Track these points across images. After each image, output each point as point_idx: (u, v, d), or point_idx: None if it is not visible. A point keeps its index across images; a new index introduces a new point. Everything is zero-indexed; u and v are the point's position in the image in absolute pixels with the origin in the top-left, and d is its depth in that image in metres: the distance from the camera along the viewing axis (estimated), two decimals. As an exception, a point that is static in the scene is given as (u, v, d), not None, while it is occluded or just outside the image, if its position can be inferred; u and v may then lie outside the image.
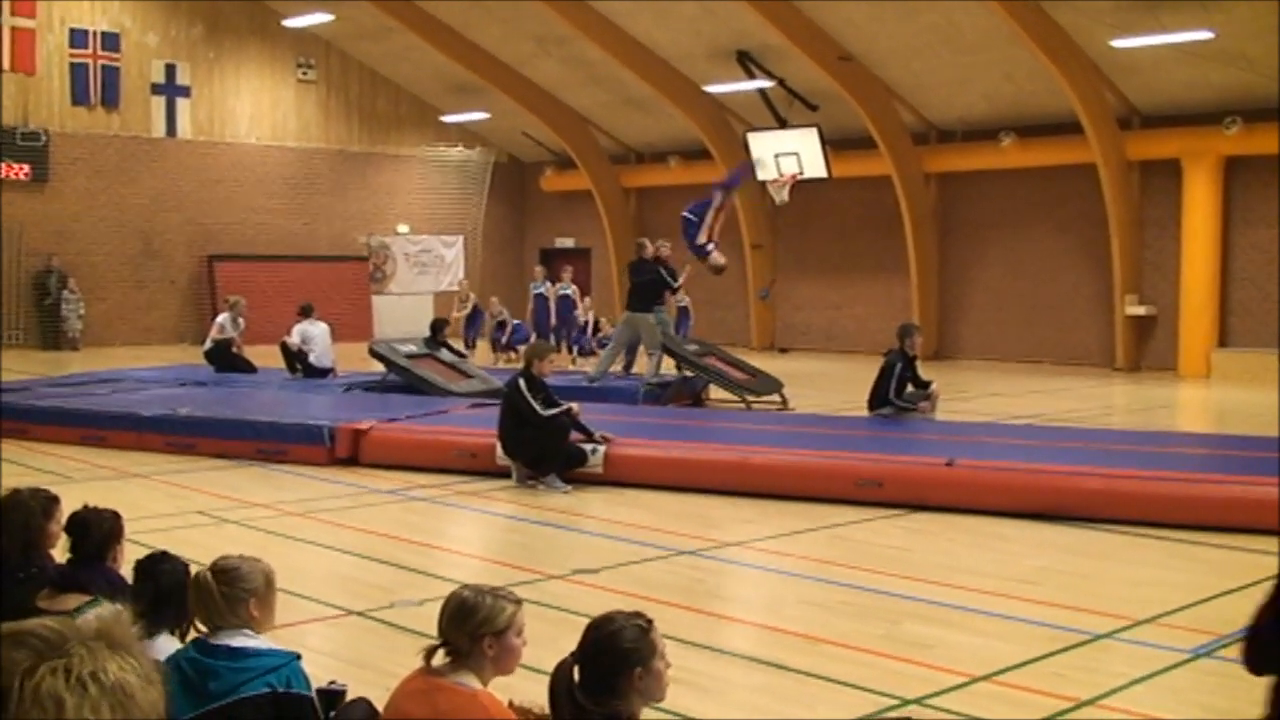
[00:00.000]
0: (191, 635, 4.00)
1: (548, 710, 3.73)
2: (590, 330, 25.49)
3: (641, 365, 17.86)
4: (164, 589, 4.17)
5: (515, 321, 25.57)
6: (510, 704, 3.74)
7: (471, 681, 3.53)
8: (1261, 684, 5.91)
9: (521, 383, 11.17)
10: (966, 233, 25.77)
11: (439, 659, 3.60)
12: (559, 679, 3.51)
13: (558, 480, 10.99)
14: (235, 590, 3.79)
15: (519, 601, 3.66)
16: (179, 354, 24.04)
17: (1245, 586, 7.74)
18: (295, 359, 17.99)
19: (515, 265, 32.80)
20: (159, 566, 4.30)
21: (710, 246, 17.52)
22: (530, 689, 4.02)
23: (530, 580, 7.68)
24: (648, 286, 17.03)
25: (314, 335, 18.11)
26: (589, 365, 20.92)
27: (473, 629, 3.53)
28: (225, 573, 3.83)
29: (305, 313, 18.36)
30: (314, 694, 3.86)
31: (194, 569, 4.33)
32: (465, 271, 30.92)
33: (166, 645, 4.01)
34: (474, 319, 25.73)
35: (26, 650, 1.58)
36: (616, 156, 31.18)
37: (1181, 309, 22.43)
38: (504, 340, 25.16)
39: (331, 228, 30.84)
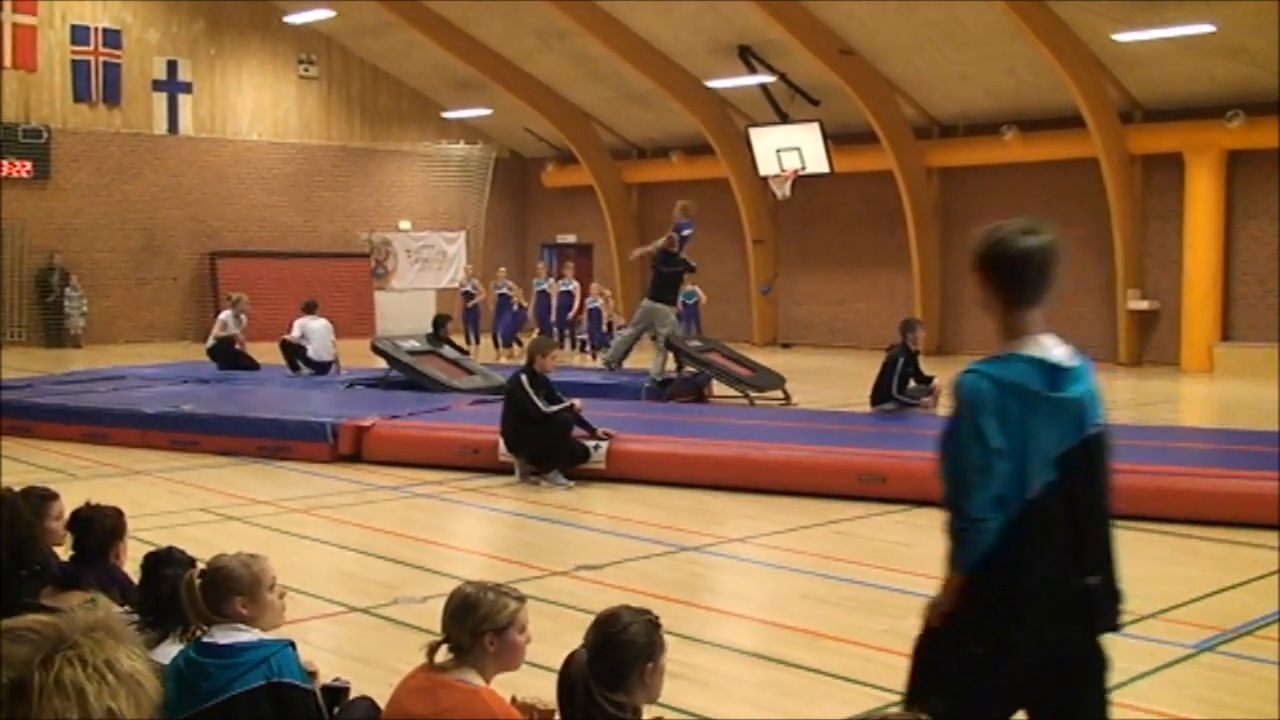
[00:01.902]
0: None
1: (551, 705, 3.73)
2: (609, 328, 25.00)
3: (642, 360, 17.87)
4: (165, 595, 4.17)
5: (519, 303, 25.49)
6: (513, 700, 3.74)
7: (474, 678, 3.53)
8: (1266, 679, 5.92)
9: (524, 379, 11.16)
10: (969, 227, 25.69)
11: (442, 655, 3.60)
12: (572, 670, 3.49)
13: (560, 476, 10.98)
14: (220, 589, 3.79)
15: (522, 598, 3.65)
16: (181, 351, 24.05)
17: (1249, 581, 7.75)
18: (295, 354, 18.03)
19: (517, 261, 32.76)
20: (161, 570, 4.29)
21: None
22: (534, 685, 4.02)
23: (533, 576, 7.68)
24: (676, 278, 17.09)
25: (313, 329, 18.15)
26: (592, 362, 20.97)
27: (474, 626, 3.53)
28: (211, 572, 3.84)
29: (308, 309, 18.43)
30: (309, 680, 3.86)
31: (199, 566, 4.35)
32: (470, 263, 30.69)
33: (169, 651, 4.01)
34: (473, 313, 25.63)
35: (28, 645, 1.59)
36: (618, 152, 31.17)
37: (1184, 303, 22.42)
38: (513, 310, 25.16)
39: (333, 224, 30.85)
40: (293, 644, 3.83)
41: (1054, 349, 3.64)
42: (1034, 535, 3.51)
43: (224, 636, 3.75)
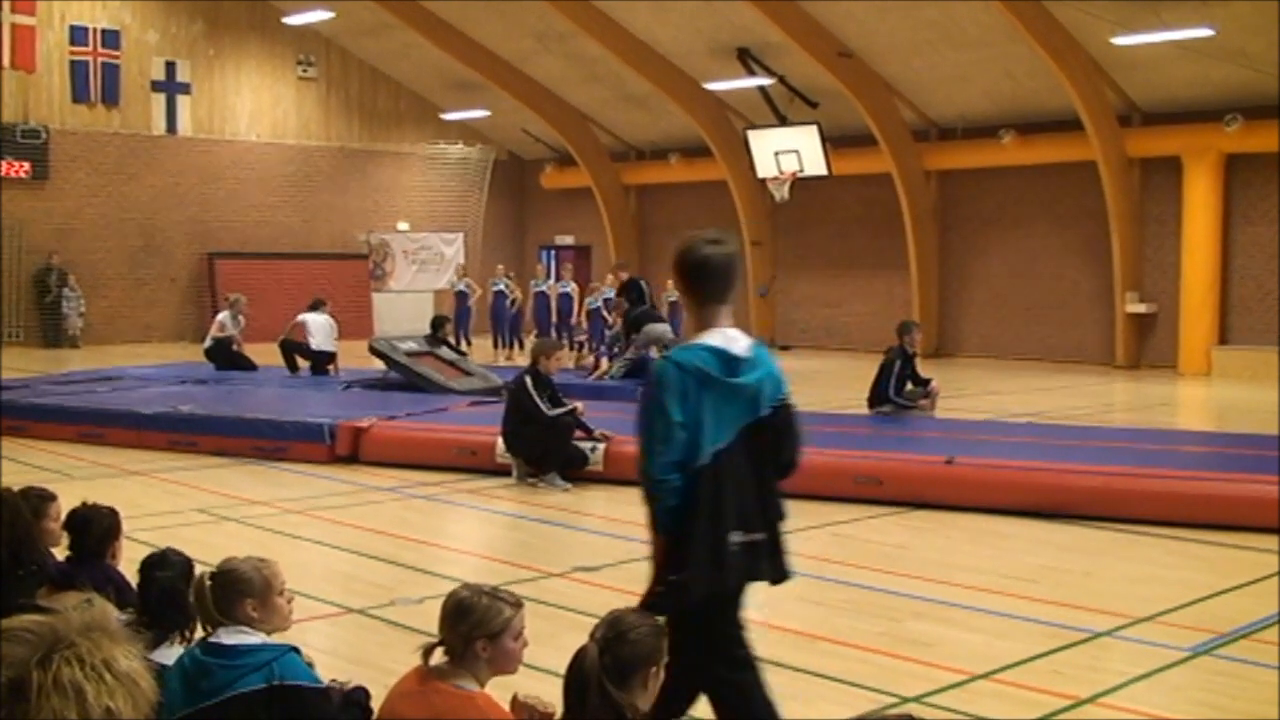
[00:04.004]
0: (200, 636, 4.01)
1: (551, 707, 3.72)
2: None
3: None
4: (153, 598, 4.17)
5: (513, 298, 25.48)
6: (514, 699, 3.73)
7: (468, 683, 3.51)
8: (1261, 683, 5.93)
9: (528, 380, 11.15)
10: (967, 230, 25.77)
11: (439, 658, 3.59)
12: (585, 666, 3.46)
13: (558, 478, 10.99)
14: (230, 592, 3.80)
15: (518, 603, 3.62)
16: (179, 352, 24.05)
17: (1244, 585, 7.75)
18: (295, 349, 18.10)
19: (516, 262, 32.78)
20: (154, 573, 4.30)
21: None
22: (530, 687, 4.02)
23: (530, 578, 7.68)
24: (648, 308, 18.30)
25: (316, 321, 18.25)
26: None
27: (466, 631, 3.51)
28: (221, 575, 3.85)
29: (313, 306, 18.57)
30: (318, 679, 3.86)
31: (196, 567, 4.36)
32: (464, 263, 30.57)
33: (167, 652, 4.03)
34: (465, 314, 25.61)
35: (26, 646, 1.59)
36: (617, 153, 31.18)
37: (1182, 306, 22.43)
38: (510, 304, 25.17)
39: (332, 225, 30.85)
40: (297, 649, 3.84)
41: (736, 341, 4.35)
42: (702, 497, 4.21)
43: (230, 638, 3.77)
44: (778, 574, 4.54)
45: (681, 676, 4.16)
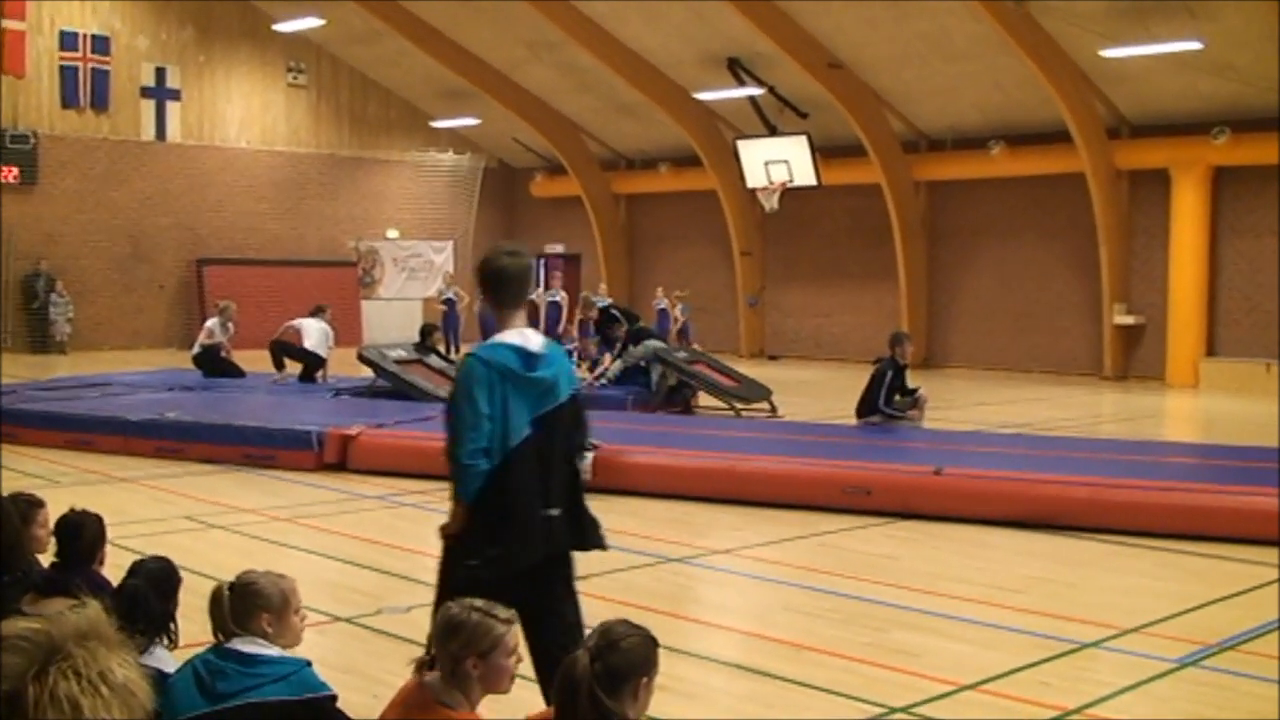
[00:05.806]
0: (199, 643, 4.01)
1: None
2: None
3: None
4: (123, 603, 4.18)
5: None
6: None
7: (458, 701, 3.49)
8: (1249, 694, 5.94)
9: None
10: (956, 241, 25.83)
11: (432, 671, 3.58)
12: (575, 674, 3.45)
13: (546, 486, 10.96)
14: (248, 604, 3.84)
15: (511, 619, 3.58)
16: (167, 358, 23.97)
17: (1232, 595, 7.77)
18: (284, 353, 18.10)
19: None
20: (125, 579, 4.32)
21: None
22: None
23: (518, 587, 7.66)
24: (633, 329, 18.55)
25: (310, 326, 18.26)
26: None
27: (456, 650, 3.48)
28: (241, 587, 3.89)
29: (314, 313, 18.60)
30: (334, 691, 3.87)
31: (182, 573, 4.37)
32: (453, 271, 30.55)
33: (156, 656, 4.03)
34: (453, 321, 25.59)
35: (22, 656, 1.58)
36: (607, 162, 31.20)
37: (1170, 318, 22.49)
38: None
39: (321, 232, 30.82)
40: (309, 663, 3.86)
41: (532, 339, 4.81)
42: (514, 477, 4.73)
43: (246, 647, 3.79)
44: (583, 543, 5.01)
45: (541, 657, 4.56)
